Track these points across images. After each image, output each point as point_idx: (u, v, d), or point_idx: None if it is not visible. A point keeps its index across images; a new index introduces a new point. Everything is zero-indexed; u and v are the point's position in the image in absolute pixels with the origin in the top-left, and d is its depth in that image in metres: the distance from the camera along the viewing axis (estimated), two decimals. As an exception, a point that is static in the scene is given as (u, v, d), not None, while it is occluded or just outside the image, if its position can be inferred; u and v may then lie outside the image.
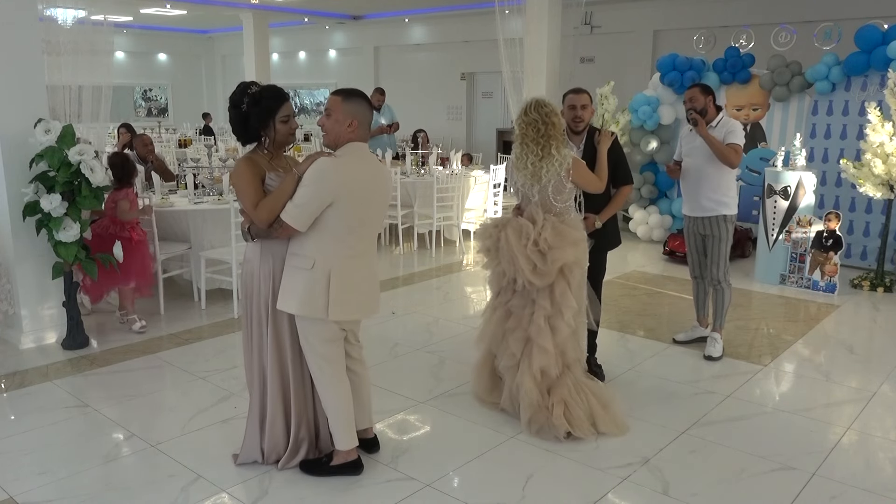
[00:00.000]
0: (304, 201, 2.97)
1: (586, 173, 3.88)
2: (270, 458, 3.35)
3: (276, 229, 3.05)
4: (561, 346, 3.72)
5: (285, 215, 2.99)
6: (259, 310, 3.21)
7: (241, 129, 3.17)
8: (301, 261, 3.06)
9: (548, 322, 3.69)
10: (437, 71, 15.02)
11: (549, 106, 3.75)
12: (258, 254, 3.19)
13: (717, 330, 4.91)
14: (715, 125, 4.72)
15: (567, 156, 3.76)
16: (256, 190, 3.08)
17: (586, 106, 4.17)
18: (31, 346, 5.00)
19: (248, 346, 3.31)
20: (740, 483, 3.30)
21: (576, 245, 3.68)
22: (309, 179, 2.97)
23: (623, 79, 10.43)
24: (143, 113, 18.07)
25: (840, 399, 4.28)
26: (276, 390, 3.27)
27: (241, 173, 3.12)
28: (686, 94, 4.82)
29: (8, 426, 3.83)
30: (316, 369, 3.21)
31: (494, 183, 8.48)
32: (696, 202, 4.82)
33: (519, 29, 8.84)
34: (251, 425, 3.36)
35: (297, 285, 3.07)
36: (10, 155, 4.72)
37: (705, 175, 4.73)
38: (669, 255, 7.63)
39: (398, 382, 4.40)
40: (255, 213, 3.06)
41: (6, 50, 4.66)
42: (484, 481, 3.30)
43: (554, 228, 3.68)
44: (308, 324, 3.13)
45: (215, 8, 13.73)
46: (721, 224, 4.76)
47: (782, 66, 7.59)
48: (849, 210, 7.29)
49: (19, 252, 4.88)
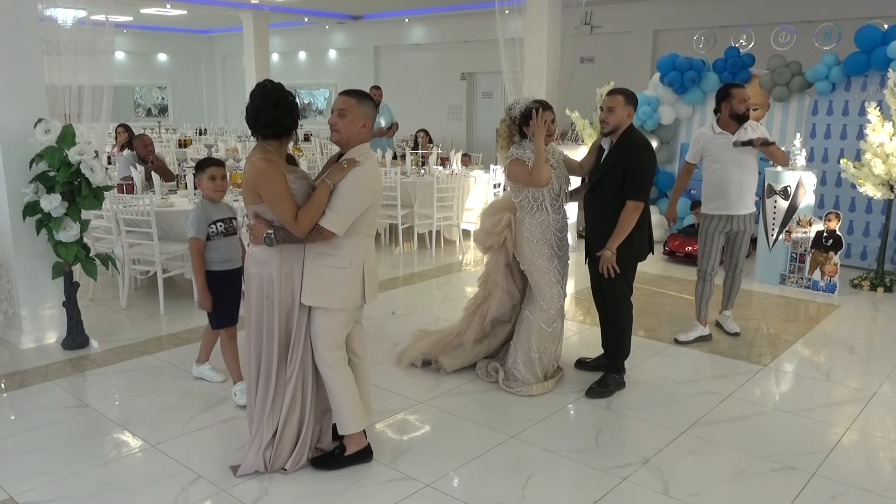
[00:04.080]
0: (347, 210, 3.09)
1: (515, 170, 4.06)
2: (275, 464, 3.30)
3: (315, 236, 3.10)
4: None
5: (328, 224, 3.07)
6: (279, 311, 3.18)
7: (279, 120, 3.09)
8: (337, 260, 3.17)
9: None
10: (437, 71, 15.00)
11: (511, 108, 4.16)
12: (276, 257, 3.15)
13: (729, 309, 5.39)
14: (747, 128, 4.94)
15: (510, 156, 4.08)
16: (291, 199, 3.06)
17: (613, 109, 4.09)
18: (31, 346, 5.00)
19: (257, 349, 3.25)
20: (740, 483, 3.31)
21: (488, 236, 4.30)
22: (351, 189, 3.09)
23: (623, 79, 10.36)
24: (143, 113, 18.06)
25: (840, 399, 4.28)
26: (294, 392, 3.25)
27: (273, 179, 3.04)
28: (745, 94, 4.92)
29: (8, 426, 3.83)
30: (328, 356, 3.25)
31: (494, 183, 8.48)
32: (741, 202, 4.98)
33: (519, 29, 8.84)
34: (259, 435, 3.28)
35: (335, 282, 3.19)
36: (10, 155, 4.72)
37: (748, 176, 4.98)
38: (669, 255, 7.63)
39: (398, 382, 4.40)
40: (295, 226, 3.04)
41: (6, 50, 4.66)
42: (484, 481, 3.30)
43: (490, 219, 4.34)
44: (336, 314, 3.22)
45: (215, 8, 13.72)
46: (752, 219, 5.14)
47: (782, 66, 7.59)
48: (849, 210, 7.29)
49: (19, 252, 4.88)
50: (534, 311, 4.22)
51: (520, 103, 4.13)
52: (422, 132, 10.57)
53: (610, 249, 4.04)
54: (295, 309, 3.21)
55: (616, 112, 4.08)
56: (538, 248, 4.12)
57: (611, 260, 4.04)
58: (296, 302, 3.20)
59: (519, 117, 4.09)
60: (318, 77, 17.29)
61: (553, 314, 4.21)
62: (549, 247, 4.15)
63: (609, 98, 4.12)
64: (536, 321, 4.21)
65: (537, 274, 4.16)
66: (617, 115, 4.09)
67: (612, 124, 4.11)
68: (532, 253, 4.14)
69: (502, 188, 8.77)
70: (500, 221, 4.26)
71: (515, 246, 4.21)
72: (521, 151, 4.06)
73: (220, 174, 4.09)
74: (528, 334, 4.23)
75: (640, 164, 4.05)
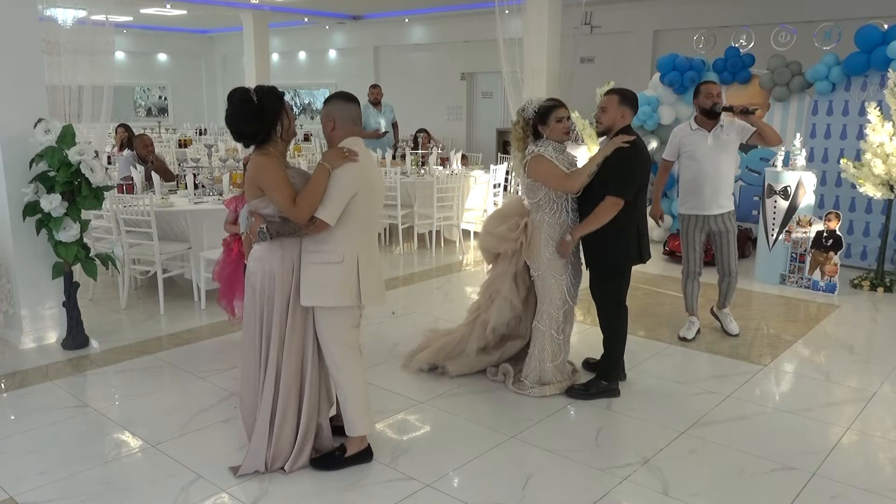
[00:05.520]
0: (332, 195, 3.06)
1: (543, 169, 3.95)
2: (275, 464, 3.30)
3: (309, 227, 3.09)
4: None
5: (321, 213, 3.06)
6: (281, 308, 3.19)
7: (253, 122, 3.09)
8: (329, 255, 3.15)
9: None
10: (437, 71, 15.01)
11: (524, 109, 4.10)
12: (277, 253, 3.16)
13: (727, 307, 5.33)
14: (723, 124, 4.92)
15: (531, 153, 4.00)
16: (290, 186, 3.07)
17: (605, 109, 4.05)
18: (31, 346, 5.00)
19: (256, 347, 3.25)
20: (740, 483, 3.31)
21: (502, 241, 4.21)
22: (335, 175, 3.07)
23: (623, 79, 10.37)
24: (143, 113, 18.06)
25: (840, 399, 4.28)
26: (292, 390, 3.26)
27: (272, 169, 3.07)
28: (712, 89, 4.90)
29: (8, 426, 3.83)
30: (339, 358, 3.26)
31: (494, 183, 8.48)
32: (714, 201, 4.95)
33: (519, 29, 8.83)
34: (259, 434, 3.27)
35: (328, 279, 3.16)
36: (10, 155, 4.72)
37: (724, 174, 4.95)
38: (669, 255, 7.63)
39: (398, 382, 4.40)
40: (294, 210, 3.04)
41: (6, 50, 4.66)
42: (484, 481, 3.30)
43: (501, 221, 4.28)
44: (337, 313, 3.22)
45: (215, 8, 13.72)
46: (732, 219, 5.06)
47: (782, 66, 7.59)
48: (849, 210, 7.28)
49: (19, 252, 4.88)
50: (543, 321, 4.16)
51: (532, 104, 4.07)
52: (422, 132, 10.57)
53: (573, 236, 3.99)
54: (296, 307, 3.21)
55: (608, 112, 4.04)
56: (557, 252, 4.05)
57: (568, 245, 3.99)
58: (292, 299, 3.20)
59: (534, 117, 4.04)
60: (318, 77, 17.29)
61: (561, 320, 4.15)
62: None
63: (604, 98, 4.09)
64: (548, 331, 4.15)
65: (552, 279, 4.07)
66: (609, 115, 4.04)
67: (604, 124, 4.07)
68: (551, 256, 4.05)
69: (502, 189, 8.78)
70: (517, 225, 4.14)
71: (531, 249, 4.11)
72: (543, 148, 3.99)
73: None
74: (543, 346, 4.19)
75: (622, 161, 3.89)
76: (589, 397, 4.16)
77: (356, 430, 3.35)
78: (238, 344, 4.24)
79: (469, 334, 4.46)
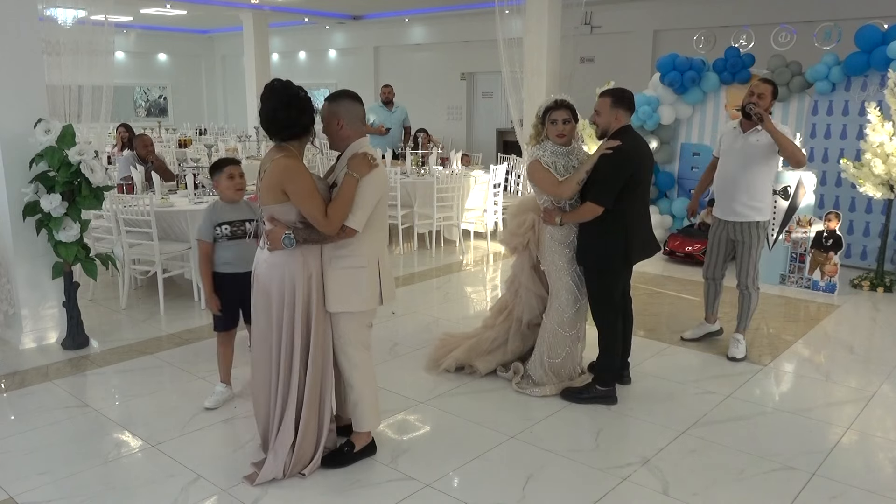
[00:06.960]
0: (361, 203, 3.06)
1: (538, 175, 3.98)
2: (293, 471, 3.26)
3: (340, 234, 3.09)
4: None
5: (351, 221, 3.06)
6: (302, 316, 3.15)
7: (295, 119, 3.05)
8: (356, 261, 3.16)
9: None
10: (437, 71, 15.01)
11: (538, 112, 4.11)
12: (298, 259, 3.11)
13: (740, 332, 4.87)
14: (759, 128, 4.56)
15: (531, 155, 4.04)
16: (320, 196, 3.04)
17: (598, 112, 4.01)
18: (31, 346, 5.00)
19: (273, 355, 3.20)
20: (740, 483, 3.31)
21: (512, 237, 4.31)
22: (364, 182, 3.06)
23: (623, 79, 10.36)
24: (143, 113, 18.06)
25: (840, 399, 4.28)
26: (314, 396, 3.24)
27: (301, 177, 3.01)
28: (755, 88, 4.50)
29: (8, 426, 3.83)
30: (356, 358, 3.30)
31: (494, 183, 8.48)
32: (728, 207, 4.70)
33: (519, 29, 8.83)
34: (282, 443, 3.21)
35: (357, 284, 3.18)
36: (10, 155, 4.72)
37: (741, 179, 4.61)
38: (669, 255, 7.63)
39: (398, 382, 4.40)
40: (325, 221, 3.01)
41: (6, 50, 4.66)
42: (484, 481, 3.30)
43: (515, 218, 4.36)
44: (359, 316, 3.26)
45: (215, 8, 13.72)
46: (753, 230, 4.66)
47: (782, 66, 7.59)
48: (849, 210, 7.28)
49: (19, 252, 4.88)
50: (549, 314, 4.19)
51: (546, 102, 4.07)
52: (422, 132, 10.57)
53: (562, 218, 3.96)
54: (318, 313, 3.18)
55: (602, 115, 3.99)
56: (560, 250, 4.06)
57: (551, 214, 3.97)
58: (313, 305, 3.16)
59: (541, 116, 4.08)
60: (318, 77, 17.29)
61: (569, 317, 4.14)
62: (570, 250, 4.06)
63: (598, 101, 4.04)
64: (551, 324, 4.17)
65: (556, 276, 4.12)
66: (603, 118, 3.99)
67: (599, 127, 4.05)
68: (553, 255, 4.08)
69: (502, 189, 8.76)
70: (524, 223, 4.24)
71: (538, 247, 4.19)
72: (540, 153, 3.99)
73: (238, 172, 4.01)
74: (544, 338, 4.21)
75: (604, 168, 3.81)
76: (582, 401, 4.12)
77: (367, 425, 3.41)
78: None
79: (506, 331, 4.48)
